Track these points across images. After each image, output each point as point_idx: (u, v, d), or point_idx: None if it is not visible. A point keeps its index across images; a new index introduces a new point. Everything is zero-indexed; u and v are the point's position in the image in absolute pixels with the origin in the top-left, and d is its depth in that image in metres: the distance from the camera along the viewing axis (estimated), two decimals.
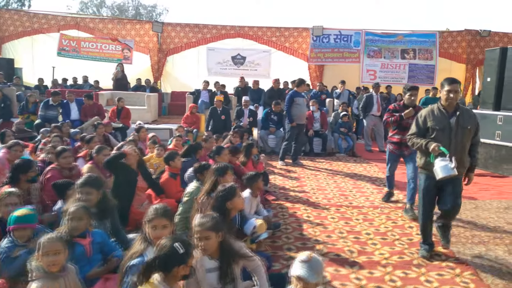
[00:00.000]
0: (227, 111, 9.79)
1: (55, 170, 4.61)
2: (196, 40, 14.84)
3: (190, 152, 6.08)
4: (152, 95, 11.71)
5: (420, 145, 3.80)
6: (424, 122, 3.87)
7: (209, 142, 6.86)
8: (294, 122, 8.12)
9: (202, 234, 2.70)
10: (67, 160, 4.65)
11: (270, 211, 4.95)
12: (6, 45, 14.80)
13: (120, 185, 4.57)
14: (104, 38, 14.75)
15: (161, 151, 6.16)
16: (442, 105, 3.82)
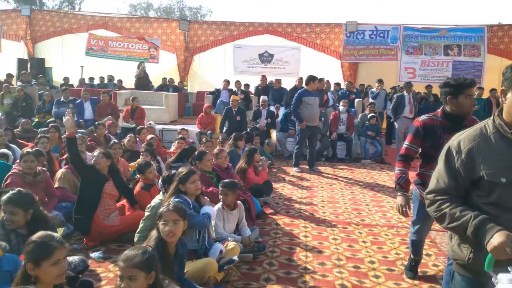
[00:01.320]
0: (243, 111, 9.13)
1: (16, 176, 4.16)
2: (223, 37, 14.32)
3: (182, 157, 5.49)
4: (171, 95, 11.29)
5: (460, 223, 1.70)
6: (468, 166, 1.75)
7: (221, 157, 5.53)
8: (304, 122, 7.33)
9: (126, 272, 2.06)
10: (28, 165, 4.18)
11: (255, 230, 4.22)
12: (38, 45, 15.04)
13: (84, 190, 4.06)
14: (131, 37, 14.59)
15: (147, 157, 5.59)
16: (506, 124, 1.73)
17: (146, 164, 4.69)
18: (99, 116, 9.49)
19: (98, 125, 7.25)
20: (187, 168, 3.42)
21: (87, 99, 9.79)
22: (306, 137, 7.62)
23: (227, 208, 3.86)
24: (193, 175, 3.32)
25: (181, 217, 2.65)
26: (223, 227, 3.78)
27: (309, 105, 7.31)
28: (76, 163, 4.15)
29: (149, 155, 5.63)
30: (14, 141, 6.83)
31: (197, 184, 3.35)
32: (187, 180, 3.31)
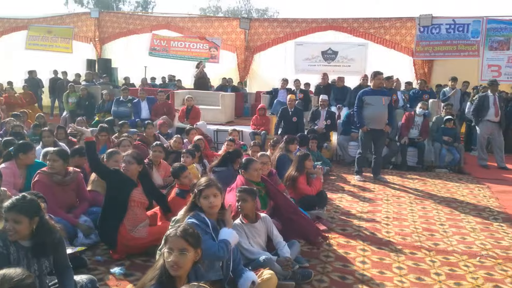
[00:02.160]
0: (300, 112, 8.45)
1: (43, 174, 3.88)
2: (284, 35, 13.70)
3: (226, 161, 4.96)
4: (228, 95, 10.89)
5: None
6: None
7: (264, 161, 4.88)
8: (365, 126, 6.49)
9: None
10: (50, 164, 3.88)
11: (295, 245, 3.52)
12: (105, 46, 15.49)
13: (109, 197, 3.66)
14: (192, 37, 14.50)
15: (188, 158, 5.13)
16: None
17: (181, 167, 4.22)
18: (155, 115, 9.35)
19: (147, 124, 6.99)
20: (206, 179, 2.85)
21: (144, 99, 9.70)
22: (369, 141, 6.77)
23: (246, 220, 3.25)
24: (208, 189, 2.73)
25: (191, 245, 2.08)
26: (250, 244, 3.17)
27: (371, 106, 6.46)
28: (96, 169, 3.78)
29: (190, 156, 5.19)
30: (66, 139, 6.79)
31: (211, 201, 2.72)
32: (200, 193, 2.74)
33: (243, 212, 3.29)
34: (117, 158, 4.38)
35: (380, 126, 6.59)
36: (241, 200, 3.27)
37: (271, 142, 6.53)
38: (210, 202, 2.71)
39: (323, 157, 7.35)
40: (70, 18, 15.70)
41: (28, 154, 4.31)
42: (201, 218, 2.72)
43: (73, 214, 3.91)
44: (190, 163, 5.22)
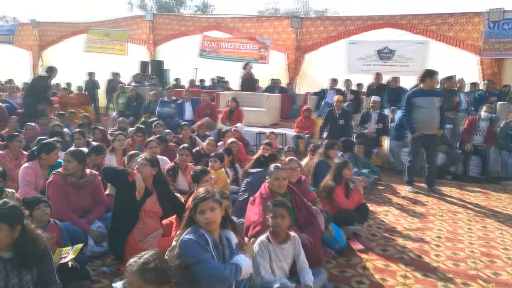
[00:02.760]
0: (347, 114, 7.84)
1: (58, 175, 3.70)
2: (337, 33, 13.03)
3: (261, 164, 4.56)
4: (273, 96, 10.47)
5: None
6: None
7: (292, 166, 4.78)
8: (416, 132, 5.78)
9: None
10: (64, 165, 3.69)
11: (321, 273, 3.02)
12: (158, 48, 15.72)
13: (119, 205, 3.39)
14: (242, 37, 14.28)
15: (216, 163, 4.78)
16: None
17: (202, 171, 3.88)
18: (198, 117, 9.18)
19: (183, 125, 6.77)
20: (203, 190, 2.46)
21: (188, 100, 9.57)
22: (419, 148, 6.04)
23: (274, 239, 2.80)
24: (204, 202, 2.34)
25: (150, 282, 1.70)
26: (270, 268, 2.73)
27: (422, 108, 5.74)
28: (107, 173, 3.54)
29: (218, 161, 4.84)
30: (103, 140, 6.75)
31: (207, 216, 2.35)
32: (195, 208, 2.36)
33: (274, 233, 2.85)
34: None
35: (432, 130, 5.83)
36: (278, 216, 2.81)
37: (311, 146, 6.02)
38: (207, 218, 2.32)
39: (371, 165, 6.70)
40: (125, 21, 16.14)
41: (50, 154, 4.19)
42: (200, 234, 2.35)
43: (86, 219, 3.70)
44: (219, 167, 4.88)
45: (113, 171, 3.62)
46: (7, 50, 18.19)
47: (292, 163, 4.15)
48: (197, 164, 5.55)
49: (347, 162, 4.36)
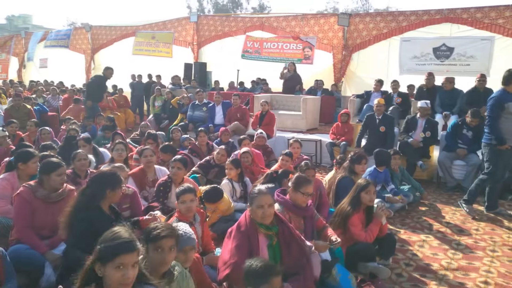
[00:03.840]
0: (390, 120, 6.87)
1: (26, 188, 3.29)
2: (388, 30, 11.90)
3: (273, 180, 3.90)
4: (310, 99, 9.65)
5: None
6: None
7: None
8: (506, 143, 4.72)
9: None
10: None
11: None
12: (202, 49, 15.45)
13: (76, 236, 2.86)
14: (286, 37, 13.56)
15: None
16: None
17: (183, 190, 3.25)
18: (228, 121, 8.65)
19: (199, 131, 6.22)
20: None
21: (219, 103, 9.06)
22: (504, 163, 4.94)
23: None
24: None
25: None
26: None
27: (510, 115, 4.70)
28: None
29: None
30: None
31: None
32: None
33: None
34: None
35: None
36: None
37: (337, 158, 5.19)
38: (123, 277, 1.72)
39: (412, 180, 5.72)
40: (171, 23, 16.07)
41: (28, 164, 3.81)
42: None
43: (50, 242, 3.24)
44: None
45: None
46: (64, 53, 18.94)
47: (306, 187, 3.34)
48: (206, 176, 5.00)
49: (367, 185, 3.52)
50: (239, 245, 2.53)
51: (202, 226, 3.26)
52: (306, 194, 3.16)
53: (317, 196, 4.33)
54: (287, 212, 3.13)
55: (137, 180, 4.43)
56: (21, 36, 21.29)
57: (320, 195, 4.35)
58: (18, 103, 7.74)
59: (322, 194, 4.38)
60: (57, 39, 19.19)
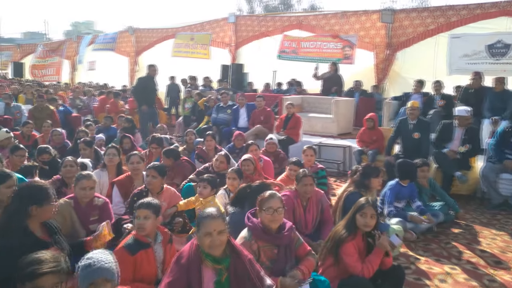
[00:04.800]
0: (424, 125, 6.05)
1: None
2: (436, 27, 10.85)
3: (239, 200, 3.36)
4: (343, 101, 8.91)
5: None
6: None
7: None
8: None
9: None
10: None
11: None
12: (239, 50, 15.08)
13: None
14: (324, 35, 12.84)
15: (205, 189, 3.69)
16: None
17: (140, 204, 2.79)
18: (252, 124, 8.19)
19: (206, 135, 5.77)
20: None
21: (243, 105, 8.61)
22: None
23: None
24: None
25: None
26: None
27: None
28: None
29: (208, 186, 3.74)
30: (132, 149, 6.16)
31: None
32: None
33: None
34: (84, 184, 3.27)
35: None
36: None
37: (353, 168, 4.52)
38: None
39: (445, 196, 4.89)
40: (209, 24, 15.89)
41: None
42: None
43: None
44: (209, 194, 3.78)
45: None
46: (109, 56, 19.45)
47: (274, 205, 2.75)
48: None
49: (363, 206, 2.88)
50: (173, 281, 2.04)
51: (164, 248, 2.79)
52: (270, 210, 2.60)
53: (318, 211, 3.74)
54: (255, 241, 2.58)
55: (122, 188, 4.08)
56: (73, 40, 22.23)
57: (321, 210, 3.76)
58: (41, 104, 7.77)
59: (325, 208, 3.79)
60: (104, 42, 19.75)
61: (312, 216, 3.70)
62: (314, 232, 3.69)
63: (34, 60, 23.24)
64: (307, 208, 3.69)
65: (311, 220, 3.69)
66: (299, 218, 3.63)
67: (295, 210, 3.62)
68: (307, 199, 3.70)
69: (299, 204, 3.65)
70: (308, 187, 3.60)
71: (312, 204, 3.71)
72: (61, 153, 6.06)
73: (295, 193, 3.68)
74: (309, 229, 3.67)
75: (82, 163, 4.85)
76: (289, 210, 3.55)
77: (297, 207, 3.63)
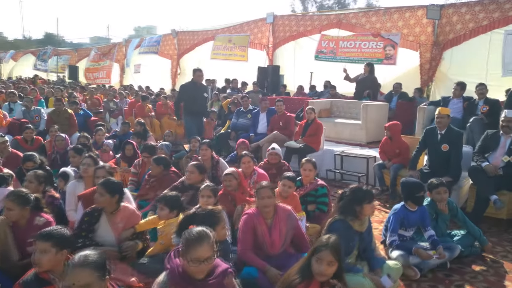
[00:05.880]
0: (455, 136, 5.16)
1: None
2: (489, 22, 9.61)
3: (182, 227, 2.85)
4: (373, 105, 8.05)
5: None
6: None
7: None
8: None
9: None
10: None
11: None
12: (276, 51, 14.50)
13: None
14: (365, 34, 11.94)
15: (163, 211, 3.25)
16: None
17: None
18: (271, 130, 7.65)
19: (201, 144, 5.31)
20: None
21: (265, 109, 8.10)
22: None
23: None
24: None
25: None
26: None
27: None
28: None
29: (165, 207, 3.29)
30: (135, 156, 5.91)
31: None
32: None
33: None
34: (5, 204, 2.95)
35: None
36: None
37: (340, 193, 3.82)
38: None
39: (469, 223, 4.00)
40: (248, 25, 15.49)
41: None
42: None
43: None
44: (167, 217, 3.32)
45: None
46: (153, 59, 19.76)
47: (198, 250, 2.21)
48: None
49: (319, 248, 2.26)
50: None
51: None
52: (195, 262, 2.07)
53: (288, 229, 3.20)
54: None
55: (87, 204, 3.71)
56: (122, 43, 22.91)
57: (292, 228, 3.22)
58: (59, 108, 7.78)
59: (295, 226, 3.25)
60: (149, 45, 20.10)
61: (280, 234, 3.14)
62: (284, 255, 3.14)
63: (88, 63, 24.34)
64: (272, 226, 3.14)
65: (278, 240, 3.13)
66: (262, 239, 3.11)
67: (257, 230, 3.10)
68: (272, 217, 3.16)
69: (261, 222, 3.13)
70: (266, 200, 3.10)
71: (279, 221, 3.17)
72: (64, 159, 5.94)
73: (257, 210, 3.16)
74: (276, 250, 3.15)
75: (64, 172, 4.62)
76: (250, 231, 3.06)
77: (258, 226, 3.11)
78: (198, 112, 7.69)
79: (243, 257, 3.04)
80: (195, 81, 7.69)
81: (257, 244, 3.09)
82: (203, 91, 7.87)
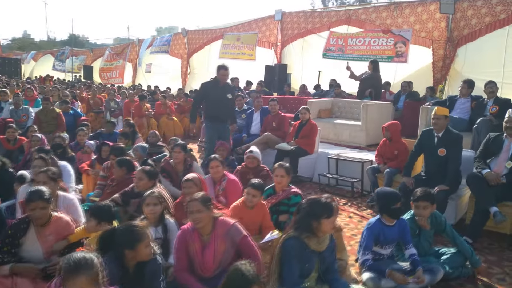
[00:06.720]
0: (453, 139, 4.61)
1: None
2: (507, 15, 8.89)
3: (103, 248, 2.48)
4: (374, 105, 7.50)
5: None
6: None
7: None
8: None
9: None
10: None
11: None
12: (284, 50, 14.03)
13: None
14: (375, 31, 11.34)
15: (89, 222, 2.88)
16: None
17: None
18: (264, 131, 7.23)
19: (174, 146, 4.92)
20: None
21: (258, 109, 7.69)
22: None
23: None
24: None
25: None
26: None
27: None
28: None
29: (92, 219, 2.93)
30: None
31: None
32: None
33: None
34: None
35: None
36: None
37: (298, 207, 3.35)
38: None
39: (459, 241, 3.46)
40: (256, 23, 15.08)
41: None
42: None
43: None
44: (95, 230, 2.96)
45: None
46: (164, 59, 19.62)
47: None
48: (126, 208, 3.74)
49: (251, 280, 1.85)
50: None
51: None
52: None
53: (225, 248, 2.79)
54: None
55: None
56: (135, 43, 22.88)
57: (233, 245, 2.79)
58: (46, 107, 7.57)
59: (239, 244, 2.82)
60: (160, 45, 19.97)
61: (214, 255, 2.72)
62: (221, 278, 2.71)
63: (102, 63, 24.44)
64: (208, 244, 2.73)
65: (212, 261, 2.71)
66: (194, 259, 2.70)
67: (189, 248, 2.70)
68: (210, 233, 2.74)
69: (195, 239, 2.73)
70: (195, 214, 2.69)
71: (215, 239, 2.74)
72: None
73: (192, 225, 2.76)
74: (209, 272, 2.73)
75: (20, 176, 4.32)
76: (183, 249, 2.69)
77: (191, 244, 2.71)
78: (219, 117, 6.37)
79: (177, 278, 2.65)
80: (218, 80, 6.53)
81: (191, 264, 2.68)
82: (227, 92, 6.50)
